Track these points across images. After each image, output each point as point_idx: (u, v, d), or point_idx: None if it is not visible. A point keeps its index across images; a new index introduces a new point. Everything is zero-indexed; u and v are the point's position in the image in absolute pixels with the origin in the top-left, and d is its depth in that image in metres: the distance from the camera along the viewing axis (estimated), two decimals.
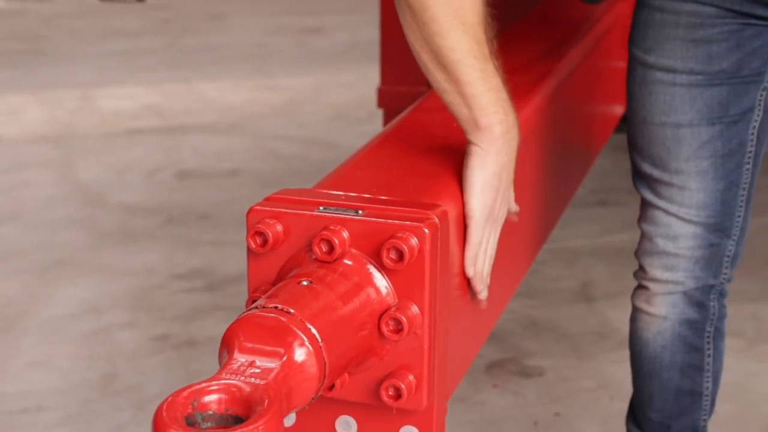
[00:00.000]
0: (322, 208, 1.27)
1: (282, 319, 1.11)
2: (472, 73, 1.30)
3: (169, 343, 2.79)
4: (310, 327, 1.12)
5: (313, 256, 1.23)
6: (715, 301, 1.76)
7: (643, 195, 1.72)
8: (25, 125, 5.03)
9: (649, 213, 1.72)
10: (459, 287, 1.38)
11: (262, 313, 1.12)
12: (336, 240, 1.22)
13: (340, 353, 1.16)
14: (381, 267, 1.23)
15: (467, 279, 1.39)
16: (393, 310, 1.22)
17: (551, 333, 2.84)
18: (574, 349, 2.74)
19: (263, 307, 1.13)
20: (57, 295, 3.11)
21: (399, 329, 1.22)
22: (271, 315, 1.11)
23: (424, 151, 1.47)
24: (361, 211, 1.25)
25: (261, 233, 1.26)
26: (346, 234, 1.23)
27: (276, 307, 1.12)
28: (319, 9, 7.61)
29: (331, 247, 1.23)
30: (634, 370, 1.84)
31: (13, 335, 2.85)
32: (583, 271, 3.22)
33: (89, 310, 3.00)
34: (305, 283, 1.19)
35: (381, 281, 1.23)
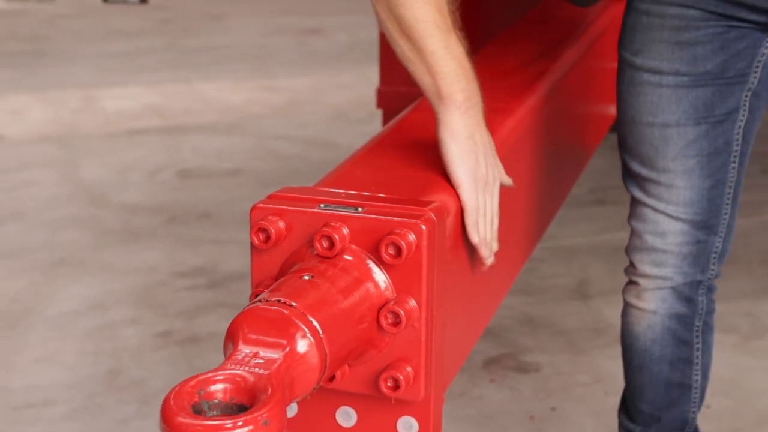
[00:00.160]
0: (323, 205, 1.31)
1: (285, 311, 1.15)
2: (435, 43, 1.36)
3: (172, 340, 2.83)
4: (312, 319, 1.16)
5: (315, 252, 1.28)
6: (704, 296, 1.80)
7: (633, 193, 1.76)
8: (27, 125, 5.06)
9: (639, 210, 1.76)
10: (456, 283, 1.42)
11: (266, 306, 1.16)
12: (336, 236, 1.27)
13: (340, 345, 1.20)
14: (380, 262, 1.27)
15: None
16: (391, 304, 1.26)
17: (548, 329, 2.88)
18: (570, 345, 2.79)
19: (267, 301, 1.17)
20: (61, 292, 3.15)
21: (397, 322, 1.27)
22: (274, 308, 1.16)
23: (422, 150, 1.51)
24: (360, 209, 1.30)
25: (264, 230, 1.30)
26: (346, 230, 1.28)
27: (279, 301, 1.17)
28: (319, 9, 7.65)
29: (332, 243, 1.27)
30: (626, 364, 1.88)
31: (19, 332, 2.89)
32: (579, 268, 3.26)
33: (94, 307, 3.04)
34: (307, 277, 1.23)
35: (380, 276, 1.28)
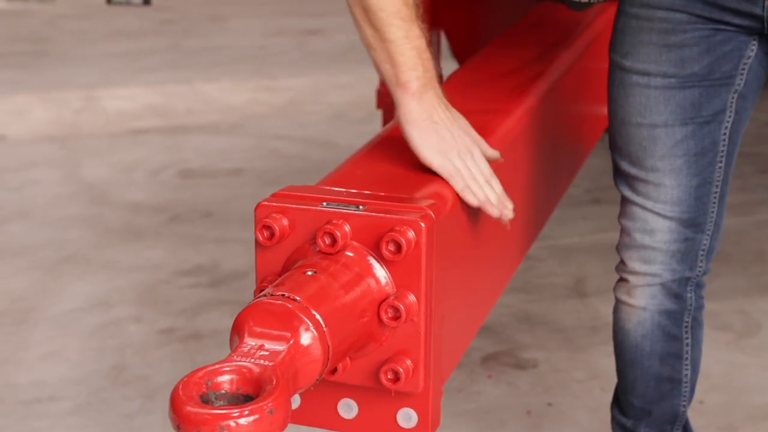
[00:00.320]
0: (325, 203, 1.35)
1: (289, 305, 1.19)
2: (396, 32, 1.43)
3: (175, 336, 2.88)
4: (315, 313, 1.20)
5: (317, 249, 1.32)
6: (692, 293, 1.84)
7: (623, 192, 1.80)
8: (30, 125, 5.10)
9: (628, 209, 1.79)
10: (454, 279, 1.46)
11: (271, 301, 1.20)
12: (338, 233, 1.31)
13: (342, 338, 1.25)
14: (380, 258, 1.31)
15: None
16: (391, 299, 1.30)
17: (545, 326, 2.92)
18: (567, 342, 2.83)
19: (271, 295, 1.21)
20: (66, 290, 3.19)
21: (397, 316, 1.31)
22: (279, 302, 1.20)
23: None
24: (361, 207, 1.34)
25: (268, 227, 1.35)
26: (347, 228, 1.32)
27: (283, 295, 1.21)
28: (319, 10, 7.69)
29: (334, 240, 1.31)
30: (617, 359, 1.91)
31: (25, 328, 2.94)
32: (576, 267, 3.30)
33: (98, 305, 3.08)
34: (310, 273, 1.27)
35: (380, 272, 1.31)
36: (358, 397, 1.40)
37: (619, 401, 1.95)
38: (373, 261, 1.32)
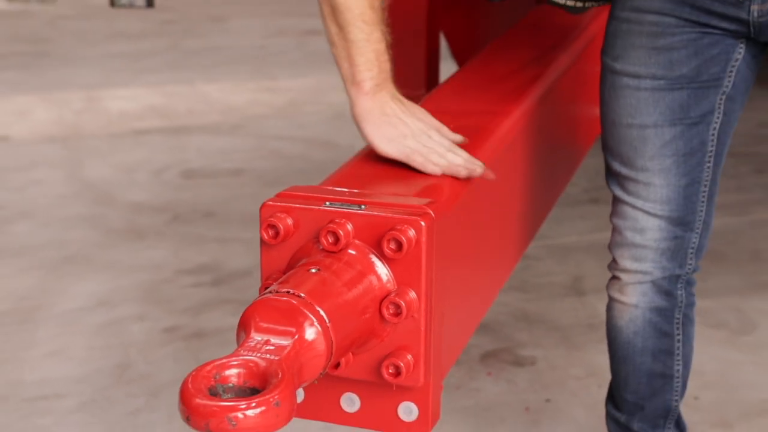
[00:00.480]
0: (328, 203, 1.39)
1: (294, 302, 1.23)
2: (358, 34, 1.50)
3: (178, 335, 2.91)
4: (319, 309, 1.24)
5: (321, 247, 1.36)
6: (683, 290, 1.87)
7: (614, 191, 1.84)
8: (33, 126, 5.14)
9: (619, 208, 1.83)
10: (453, 277, 1.50)
11: (276, 297, 1.24)
12: (341, 232, 1.35)
13: (345, 333, 1.28)
14: (382, 256, 1.35)
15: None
16: (393, 296, 1.34)
17: (543, 325, 2.96)
18: (565, 340, 2.87)
19: (277, 292, 1.25)
20: (70, 289, 3.23)
21: (398, 313, 1.34)
22: (284, 298, 1.24)
23: None
24: (363, 206, 1.38)
25: (273, 226, 1.39)
26: (350, 226, 1.36)
27: (288, 292, 1.25)
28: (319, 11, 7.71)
29: (337, 239, 1.35)
30: (611, 355, 1.95)
31: (29, 327, 2.97)
32: (574, 266, 3.34)
33: (101, 304, 3.12)
34: (314, 270, 1.31)
35: (382, 269, 1.35)
36: (360, 391, 1.44)
37: (613, 397, 1.99)
38: (374, 259, 1.35)
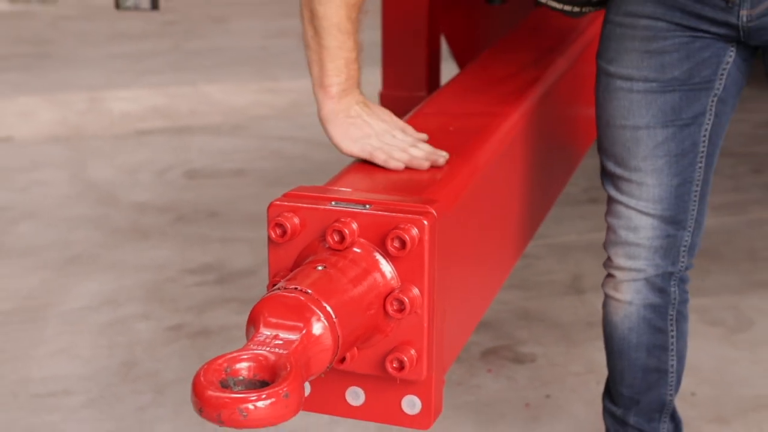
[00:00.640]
0: (334, 203, 1.43)
1: (301, 298, 1.28)
2: (332, 42, 1.58)
3: (183, 333, 2.95)
4: (326, 305, 1.28)
5: (327, 245, 1.40)
6: (676, 287, 1.92)
7: (608, 191, 1.89)
8: (36, 126, 5.17)
9: (613, 207, 1.88)
10: (455, 275, 1.54)
11: (285, 293, 1.29)
12: (346, 231, 1.39)
13: (351, 329, 1.33)
14: (386, 254, 1.39)
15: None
16: (396, 292, 1.39)
17: (543, 322, 3.00)
18: (564, 337, 2.91)
19: (285, 288, 1.30)
20: (75, 288, 3.27)
21: (402, 309, 1.39)
22: (292, 295, 1.28)
23: None
24: (368, 206, 1.42)
25: (280, 225, 1.43)
26: (355, 225, 1.40)
27: (296, 288, 1.29)
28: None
29: (342, 237, 1.39)
30: (607, 351, 2.00)
31: (36, 326, 3.01)
32: (574, 265, 3.37)
33: (106, 303, 3.16)
34: (320, 268, 1.36)
35: (386, 267, 1.40)
36: (364, 385, 1.48)
37: (609, 391, 2.04)
38: (379, 257, 1.40)
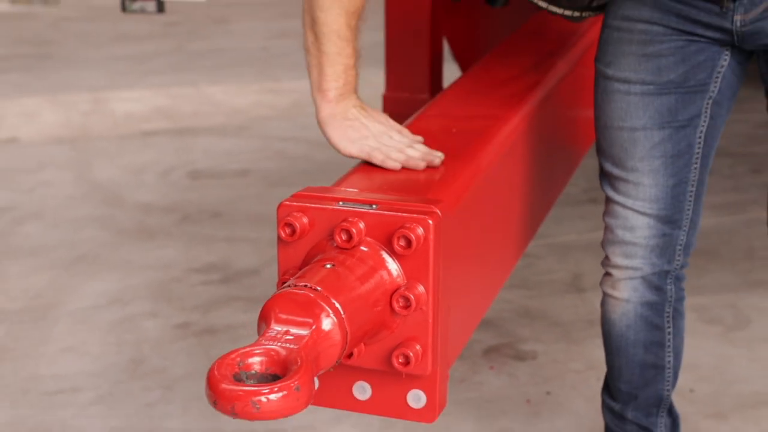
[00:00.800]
0: (341, 203, 1.48)
1: (311, 295, 1.32)
2: (332, 48, 1.62)
3: (190, 331, 2.99)
4: (335, 302, 1.32)
5: (335, 244, 1.44)
6: (672, 285, 1.96)
7: (606, 191, 1.92)
8: (40, 127, 5.21)
9: (611, 207, 1.92)
10: (459, 273, 1.58)
11: (295, 291, 1.33)
12: (354, 230, 1.43)
13: (358, 325, 1.37)
14: (392, 253, 1.43)
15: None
16: (402, 290, 1.43)
17: (544, 320, 3.04)
18: (565, 335, 2.95)
19: (295, 286, 1.34)
20: (82, 288, 3.31)
21: (407, 305, 1.43)
22: (302, 292, 1.32)
23: None
24: (375, 206, 1.46)
25: (290, 224, 1.47)
26: (362, 225, 1.44)
27: (306, 285, 1.33)
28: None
29: (350, 236, 1.44)
30: (606, 348, 2.04)
31: (44, 324, 3.06)
32: (574, 264, 3.41)
33: (113, 302, 3.20)
34: (329, 266, 1.40)
35: (392, 265, 1.44)
36: (371, 379, 1.52)
37: (608, 387, 2.08)
38: (385, 255, 1.44)
